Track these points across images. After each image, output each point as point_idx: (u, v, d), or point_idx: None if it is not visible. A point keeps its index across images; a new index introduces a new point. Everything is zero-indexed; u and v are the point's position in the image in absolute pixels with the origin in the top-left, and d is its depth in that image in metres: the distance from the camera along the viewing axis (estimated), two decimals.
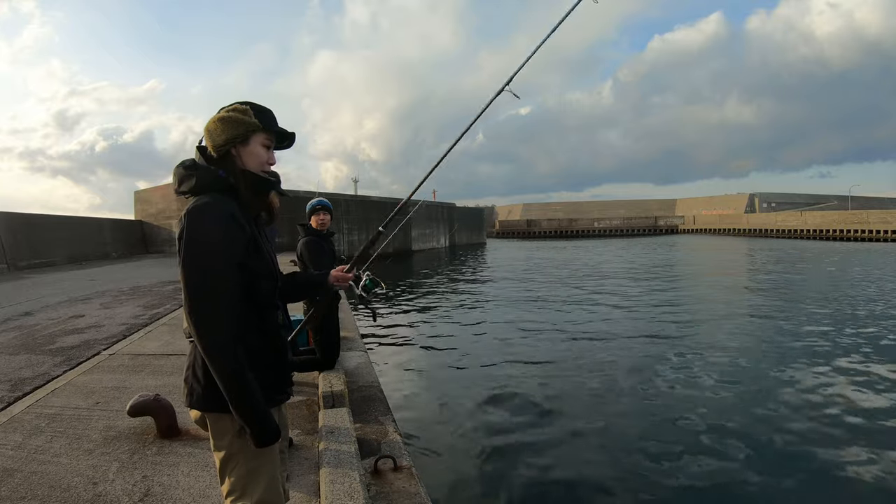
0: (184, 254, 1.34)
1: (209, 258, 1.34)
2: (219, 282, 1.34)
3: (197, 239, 1.34)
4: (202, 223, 1.35)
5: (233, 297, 1.36)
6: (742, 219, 68.05)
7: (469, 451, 4.74)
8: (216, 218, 1.36)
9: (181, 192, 1.47)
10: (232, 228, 1.38)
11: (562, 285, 17.60)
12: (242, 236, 1.40)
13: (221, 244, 1.36)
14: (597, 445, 4.82)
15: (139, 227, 25.59)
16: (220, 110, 1.47)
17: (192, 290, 1.33)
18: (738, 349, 8.17)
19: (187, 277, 1.33)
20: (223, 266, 1.35)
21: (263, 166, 1.51)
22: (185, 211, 1.38)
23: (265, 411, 1.37)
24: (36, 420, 3.20)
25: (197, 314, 1.32)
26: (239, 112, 1.44)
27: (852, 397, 5.84)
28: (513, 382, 6.71)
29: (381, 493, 2.37)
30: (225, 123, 1.43)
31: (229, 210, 1.39)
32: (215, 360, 1.32)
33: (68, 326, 6.30)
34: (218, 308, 1.33)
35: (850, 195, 72.13)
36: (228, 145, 1.44)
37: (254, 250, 1.44)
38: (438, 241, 39.98)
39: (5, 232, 15.45)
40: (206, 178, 1.43)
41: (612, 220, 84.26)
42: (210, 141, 1.44)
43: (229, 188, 1.45)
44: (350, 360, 4.51)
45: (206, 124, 1.45)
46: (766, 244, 41.51)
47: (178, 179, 1.47)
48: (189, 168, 1.46)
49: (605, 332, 9.77)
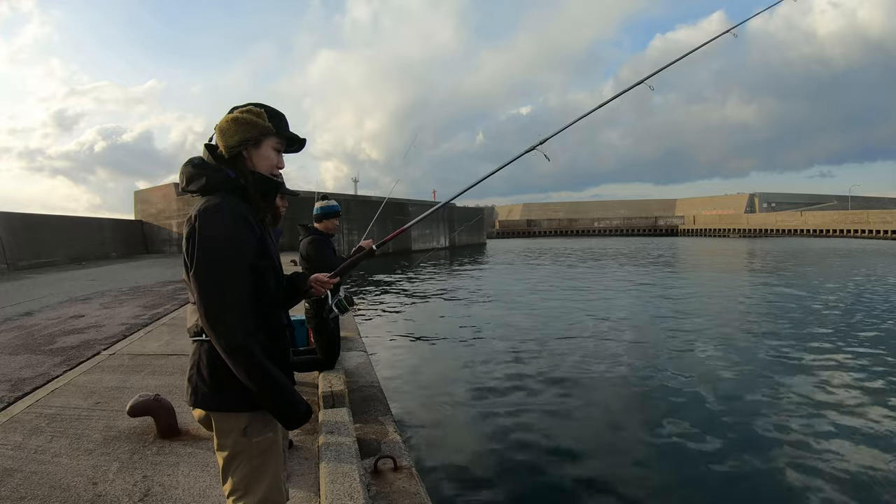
0: (197, 254, 1.34)
1: (223, 258, 1.34)
2: (233, 282, 1.34)
3: (211, 238, 1.34)
4: (216, 223, 1.35)
5: (246, 296, 1.37)
6: (742, 219, 68.06)
7: (469, 450, 4.73)
8: (229, 218, 1.37)
9: (189, 191, 1.46)
10: (243, 229, 1.39)
11: (563, 290, 17.60)
12: (253, 237, 1.41)
13: (234, 244, 1.36)
14: (598, 445, 4.82)
15: (139, 227, 25.59)
16: (233, 110, 1.46)
17: (206, 290, 1.33)
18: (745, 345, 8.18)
19: (201, 278, 1.33)
20: (237, 266, 1.36)
21: (273, 169, 1.52)
22: (196, 210, 1.38)
23: (293, 393, 1.42)
24: (36, 420, 3.20)
25: (213, 315, 1.32)
26: (253, 114, 1.44)
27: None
28: (514, 382, 6.71)
29: (381, 493, 2.37)
30: (239, 124, 1.42)
31: (241, 211, 1.40)
32: (237, 357, 1.33)
33: (68, 326, 6.30)
34: (233, 307, 1.33)
35: (850, 195, 72.18)
36: (241, 146, 1.44)
37: (262, 251, 1.45)
38: (438, 241, 39.98)
39: (5, 232, 15.45)
40: (217, 178, 1.43)
41: (612, 220, 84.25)
42: (222, 140, 1.43)
43: (238, 189, 1.45)
44: (350, 360, 4.51)
45: (218, 123, 1.45)
46: (771, 244, 41.54)
47: (186, 178, 1.47)
48: (199, 167, 1.46)
49: (606, 331, 9.77)
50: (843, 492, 3.87)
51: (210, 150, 1.48)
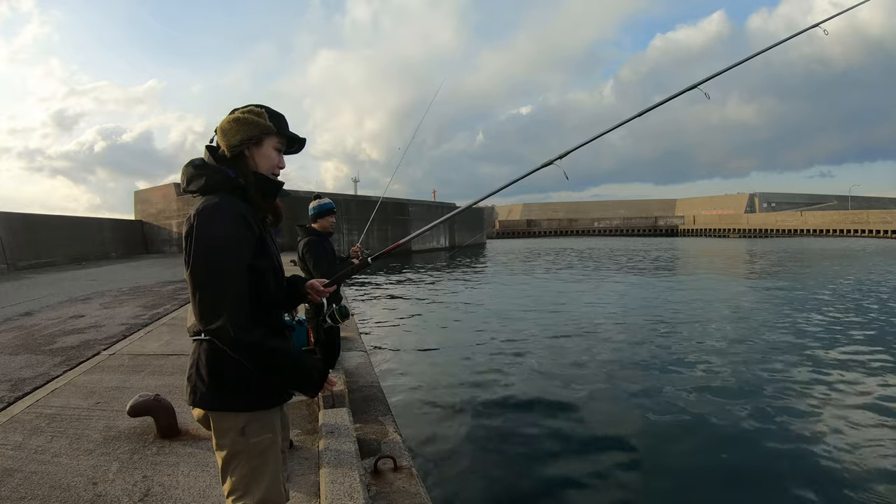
0: (193, 253, 1.34)
1: (220, 257, 1.35)
2: (231, 280, 1.35)
3: (208, 237, 1.35)
4: (213, 222, 1.36)
5: (244, 294, 1.37)
6: (742, 219, 68.04)
7: (469, 450, 4.73)
8: (227, 217, 1.38)
9: (189, 191, 1.47)
10: (242, 228, 1.39)
11: (563, 282, 17.60)
12: (251, 237, 1.42)
13: (231, 243, 1.37)
14: (599, 445, 4.81)
15: (139, 227, 25.60)
16: (234, 111, 1.47)
17: (203, 289, 1.33)
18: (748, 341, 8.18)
19: (198, 277, 1.34)
20: (234, 265, 1.36)
21: (274, 169, 1.53)
22: (194, 210, 1.39)
23: (306, 362, 1.47)
24: (36, 420, 3.20)
25: (207, 311, 1.32)
26: (255, 114, 1.46)
27: None
28: (515, 382, 6.71)
29: (381, 493, 2.37)
30: (240, 124, 1.44)
31: (239, 210, 1.41)
32: (241, 352, 1.35)
33: (68, 326, 6.30)
34: (229, 305, 1.33)
35: (850, 195, 72.17)
36: (242, 146, 1.45)
37: (261, 250, 1.46)
38: (438, 241, 39.99)
39: (5, 232, 15.45)
40: (216, 178, 1.44)
41: (612, 220, 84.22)
42: (224, 140, 1.45)
43: (238, 188, 1.46)
44: (350, 360, 4.51)
45: (220, 123, 1.46)
46: (771, 244, 41.54)
47: (186, 178, 1.48)
48: (199, 167, 1.47)
49: (607, 332, 9.77)
50: (844, 492, 3.87)
51: (211, 151, 1.49)
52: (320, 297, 1.72)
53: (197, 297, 1.34)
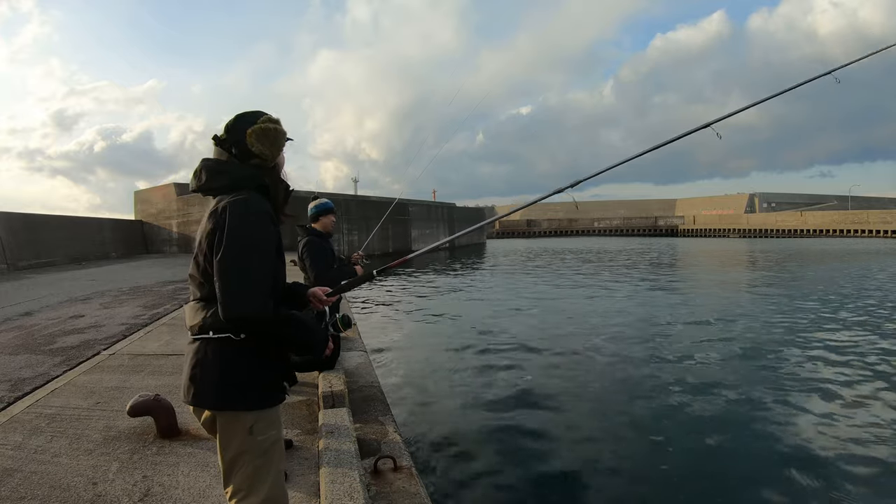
0: (226, 239, 1.37)
1: (252, 251, 1.38)
2: (263, 262, 1.40)
3: (242, 226, 1.38)
4: (248, 212, 1.40)
5: (269, 289, 1.41)
6: (742, 219, 68.01)
7: (469, 450, 4.73)
8: (259, 213, 1.43)
9: (206, 189, 1.50)
10: (270, 226, 1.45)
11: (563, 279, 17.60)
12: (276, 234, 1.49)
13: (264, 233, 1.42)
14: (600, 445, 4.81)
15: (139, 227, 25.59)
16: (259, 121, 1.50)
17: (234, 281, 1.35)
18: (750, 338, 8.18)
19: (229, 269, 1.36)
20: (267, 248, 1.42)
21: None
22: (224, 203, 1.41)
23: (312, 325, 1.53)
24: (36, 420, 3.19)
25: (240, 305, 1.34)
26: (279, 125, 1.53)
27: None
28: (515, 382, 6.70)
29: (381, 493, 2.37)
30: (276, 135, 1.51)
31: (266, 208, 1.47)
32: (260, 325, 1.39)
33: (68, 326, 6.30)
34: (261, 283, 1.38)
35: (850, 195, 72.15)
36: (278, 155, 1.54)
37: (278, 249, 1.52)
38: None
39: (5, 232, 15.44)
40: (241, 175, 1.49)
41: (612, 220, 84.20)
42: (263, 147, 1.49)
43: (263, 187, 1.51)
44: (350, 360, 4.51)
45: (252, 128, 1.49)
46: (771, 244, 41.52)
47: (207, 175, 1.50)
48: (221, 164, 1.51)
49: (607, 332, 9.77)
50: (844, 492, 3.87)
51: (222, 145, 1.52)
52: (322, 306, 1.74)
53: (228, 290, 1.35)
